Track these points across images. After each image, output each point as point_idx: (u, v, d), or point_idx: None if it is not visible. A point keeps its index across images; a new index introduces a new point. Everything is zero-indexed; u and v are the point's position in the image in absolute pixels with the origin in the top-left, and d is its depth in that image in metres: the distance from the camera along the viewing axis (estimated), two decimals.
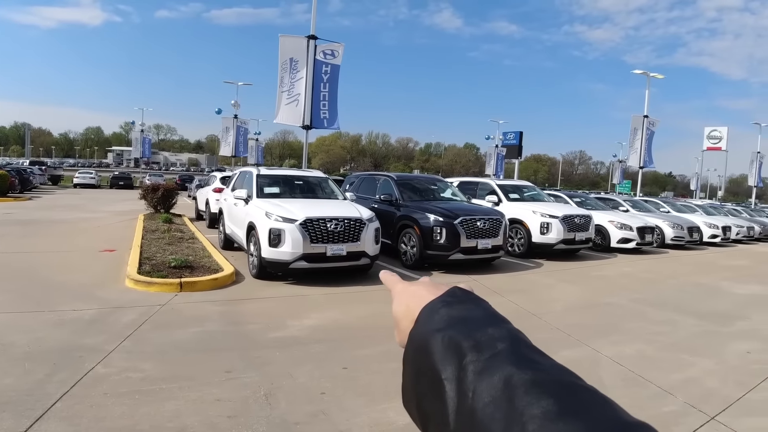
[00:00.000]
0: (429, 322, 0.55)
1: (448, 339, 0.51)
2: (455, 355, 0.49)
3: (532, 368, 0.45)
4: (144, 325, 5.75)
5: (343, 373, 4.72)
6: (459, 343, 0.50)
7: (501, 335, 0.50)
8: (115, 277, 8.03)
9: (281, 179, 10.56)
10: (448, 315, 0.54)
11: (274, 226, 8.22)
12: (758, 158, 40.51)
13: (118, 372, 4.42)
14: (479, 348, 0.49)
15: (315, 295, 7.83)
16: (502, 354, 0.47)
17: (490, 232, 10.52)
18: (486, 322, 0.53)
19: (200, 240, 11.88)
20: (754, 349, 6.28)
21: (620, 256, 14.56)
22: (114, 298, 6.89)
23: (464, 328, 0.52)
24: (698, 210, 22.83)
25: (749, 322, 7.76)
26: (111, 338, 5.25)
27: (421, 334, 0.55)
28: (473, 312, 0.55)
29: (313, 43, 15.26)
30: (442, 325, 0.53)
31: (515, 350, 0.48)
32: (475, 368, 0.47)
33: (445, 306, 0.56)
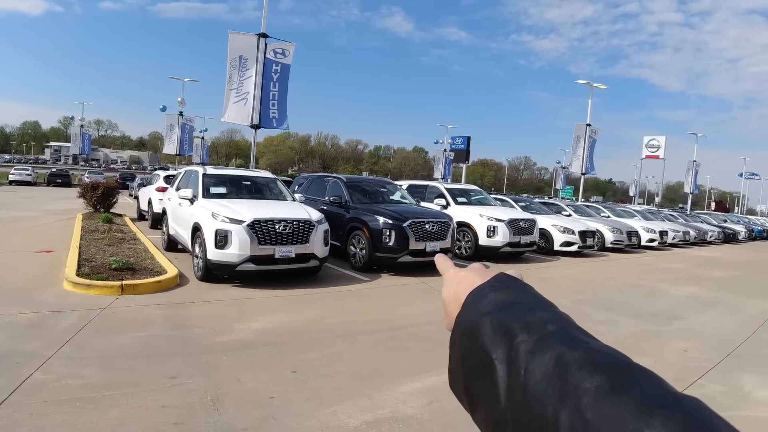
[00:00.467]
0: (477, 306, 0.56)
1: (498, 321, 0.52)
2: (505, 337, 0.50)
3: (583, 347, 0.46)
4: (84, 330, 5.53)
5: (292, 377, 4.66)
6: (509, 325, 0.51)
7: (550, 317, 0.52)
8: (52, 280, 7.69)
9: (228, 179, 10.34)
10: (496, 299, 0.56)
11: (220, 227, 8.05)
12: (694, 166, 42.67)
13: (58, 378, 4.24)
14: (529, 329, 0.50)
15: (262, 297, 7.71)
16: (552, 334, 0.49)
17: (439, 235, 10.64)
18: (534, 305, 0.54)
19: (142, 241, 11.52)
20: (691, 348, 6.58)
21: (563, 258, 15.00)
22: (52, 301, 6.59)
23: (513, 311, 0.53)
24: (637, 215, 23.82)
25: (686, 321, 8.12)
26: (49, 343, 5.02)
27: (469, 318, 0.56)
28: (520, 296, 0.56)
29: (263, 42, 15.06)
30: (490, 308, 0.55)
31: (565, 331, 0.50)
32: (526, 348, 0.48)
33: (493, 290, 0.58)
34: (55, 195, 29.94)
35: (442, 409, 4.19)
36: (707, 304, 9.68)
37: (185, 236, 9.45)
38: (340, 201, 11.41)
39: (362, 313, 7.28)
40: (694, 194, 45.22)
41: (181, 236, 9.96)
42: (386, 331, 6.41)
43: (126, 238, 11.70)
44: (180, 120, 34.08)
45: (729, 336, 7.39)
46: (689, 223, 27.19)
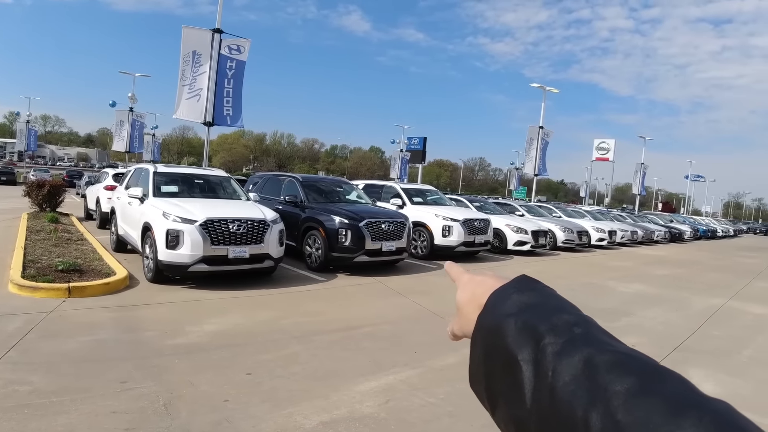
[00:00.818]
0: (500, 307, 0.57)
1: (522, 323, 0.53)
2: (531, 338, 0.51)
3: (610, 350, 0.47)
4: (30, 334, 5.33)
5: (246, 379, 4.62)
6: (534, 326, 0.52)
7: (575, 320, 0.53)
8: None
9: (180, 177, 10.10)
10: (520, 300, 0.57)
11: (171, 226, 7.88)
12: (642, 169, 44.24)
13: (4, 384, 4.08)
14: (556, 331, 0.51)
15: (215, 299, 7.59)
16: (579, 337, 0.50)
17: (395, 235, 10.70)
18: (558, 307, 0.55)
19: (90, 241, 11.17)
20: (639, 343, 6.82)
21: (516, 257, 15.31)
22: None
23: (538, 313, 0.54)
24: (587, 215, 24.51)
25: (634, 317, 8.42)
26: None
27: (493, 318, 0.57)
28: (544, 298, 0.57)
29: (218, 37, 14.78)
30: (514, 310, 0.55)
31: (591, 333, 0.51)
32: (554, 350, 0.49)
33: (516, 292, 0.58)
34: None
35: (399, 408, 4.23)
36: (654, 301, 10.05)
37: (135, 236, 9.21)
38: (295, 200, 11.33)
39: (318, 313, 7.26)
40: (642, 195, 46.80)
41: (130, 236, 9.69)
42: (342, 332, 6.40)
43: (73, 238, 11.32)
44: (130, 116, 33.12)
45: (675, 331, 7.69)
46: (637, 223, 28.17)
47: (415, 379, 4.96)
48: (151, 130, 49.41)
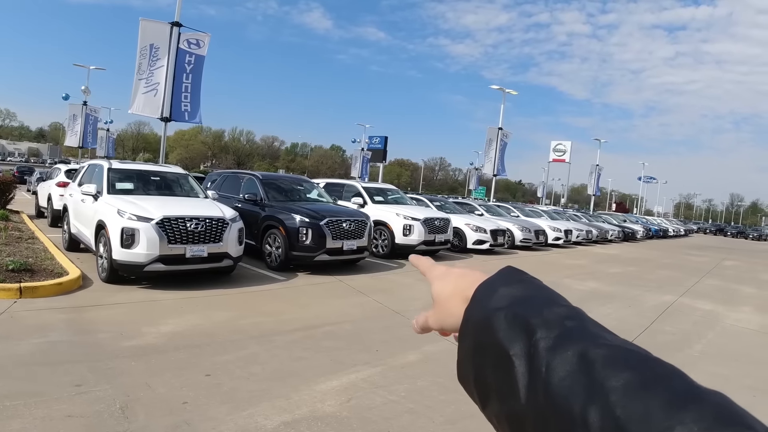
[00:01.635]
0: (488, 300, 0.56)
1: (513, 316, 0.52)
2: (523, 332, 0.50)
3: (605, 343, 0.47)
4: None
5: (205, 381, 4.56)
6: (526, 320, 0.51)
7: (567, 313, 0.52)
8: None
9: (136, 174, 9.87)
10: (509, 293, 0.55)
11: (127, 225, 7.70)
12: (597, 170, 45.41)
13: None
14: (548, 325, 0.50)
15: (172, 299, 7.46)
16: (572, 330, 0.49)
17: (356, 234, 10.71)
18: (548, 300, 0.54)
19: (41, 240, 10.82)
20: None
21: (475, 256, 15.53)
22: None
23: (528, 306, 0.53)
24: (544, 215, 25.04)
25: (589, 314, 8.60)
26: None
27: (482, 312, 0.55)
28: (533, 290, 0.56)
29: (177, 31, 14.53)
30: (504, 303, 0.54)
31: (584, 327, 0.50)
32: (546, 344, 0.48)
33: (504, 284, 0.57)
34: None
35: (360, 406, 4.26)
36: (608, 298, 10.35)
37: (88, 235, 8.96)
38: (255, 199, 11.21)
39: (277, 313, 7.21)
40: (597, 196, 48.09)
41: (83, 235, 9.43)
42: (302, 331, 6.39)
43: (24, 236, 10.94)
44: (84, 110, 32.18)
45: (628, 327, 7.94)
46: (592, 223, 28.96)
47: (377, 377, 5.00)
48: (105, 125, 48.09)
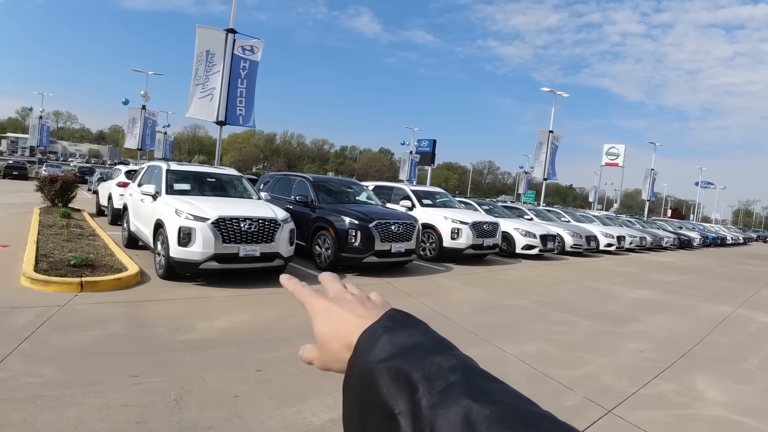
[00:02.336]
0: (371, 351, 0.52)
1: (396, 371, 0.49)
2: (406, 388, 0.47)
3: (489, 401, 0.44)
4: (42, 327, 5.40)
5: (256, 376, 4.66)
6: (408, 375, 0.48)
7: (451, 364, 0.49)
8: (8, 275, 7.47)
9: (192, 176, 10.20)
10: (391, 343, 0.52)
11: (184, 224, 7.95)
12: (651, 175, 44.07)
13: (16, 376, 4.14)
14: (430, 379, 0.47)
15: (225, 296, 7.66)
16: (455, 386, 0.46)
17: (404, 236, 10.73)
18: (432, 349, 0.51)
19: (102, 237, 11.28)
20: (646, 348, 6.83)
21: (524, 261, 15.30)
22: (8, 297, 6.41)
23: (410, 357, 0.50)
24: (596, 220, 24.41)
25: (640, 323, 8.40)
26: (6, 341, 4.89)
27: (364, 365, 0.52)
28: (417, 338, 0.53)
29: (231, 37, 14.90)
30: (386, 354, 0.51)
31: (468, 380, 0.47)
32: (429, 402, 0.45)
33: (387, 332, 0.54)
34: (11, 188, 28.95)
35: None
36: (661, 307, 10.02)
37: (147, 233, 9.30)
38: (306, 200, 11.38)
39: None
40: (651, 201, 46.67)
41: (142, 233, 9.79)
42: None
43: (85, 233, 11.44)
44: (142, 114, 33.37)
45: (682, 338, 7.68)
46: (646, 229, 28.08)
47: None
48: (162, 128, 49.74)
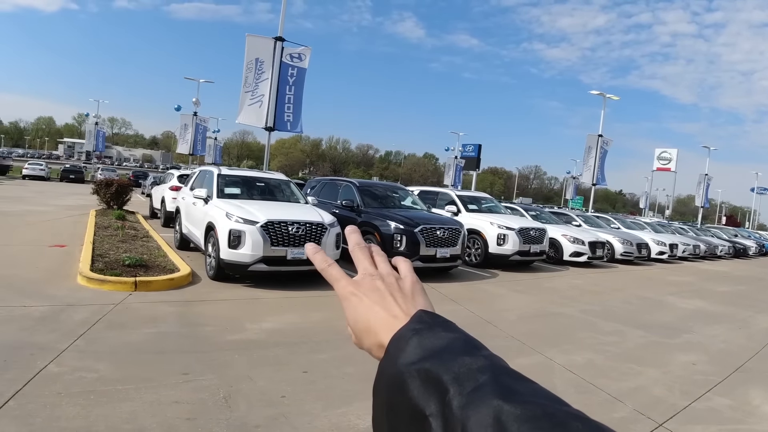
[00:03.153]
0: (401, 355, 0.53)
1: (425, 373, 0.50)
2: (436, 391, 0.48)
3: (519, 401, 0.44)
4: (97, 324, 5.60)
5: (302, 377, 4.71)
6: (438, 377, 0.49)
7: (480, 365, 0.49)
8: (65, 274, 7.78)
9: (242, 180, 10.42)
10: (420, 345, 0.53)
11: (234, 227, 8.13)
12: (705, 180, 42.47)
13: (72, 371, 4.30)
14: (460, 381, 0.47)
15: (272, 298, 7.77)
16: (485, 386, 0.46)
17: (449, 242, 10.67)
18: (461, 350, 0.52)
19: (155, 239, 11.63)
20: (699, 361, 6.58)
21: (572, 269, 14.98)
22: (65, 295, 6.68)
23: (440, 360, 0.50)
24: (647, 227, 23.69)
25: (693, 335, 8.10)
26: (63, 337, 5.10)
27: (394, 368, 0.53)
28: (446, 340, 0.53)
29: (280, 45, 15.18)
30: (416, 357, 0.52)
31: (498, 381, 0.47)
32: (459, 403, 0.46)
33: (416, 335, 0.54)
34: (68, 190, 30.20)
35: None
36: (715, 319, 9.65)
37: (198, 235, 9.54)
38: (352, 205, 11.47)
39: None
40: (705, 208, 45.02)
41: (194, 235, 10.05)
42: None
43: (139, 235, 11.81)
44: (194, 120, 34.32)
45: (737, 351, 7.37)
46: (699, 237, 27.12)
47: None
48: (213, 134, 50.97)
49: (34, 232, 12.12)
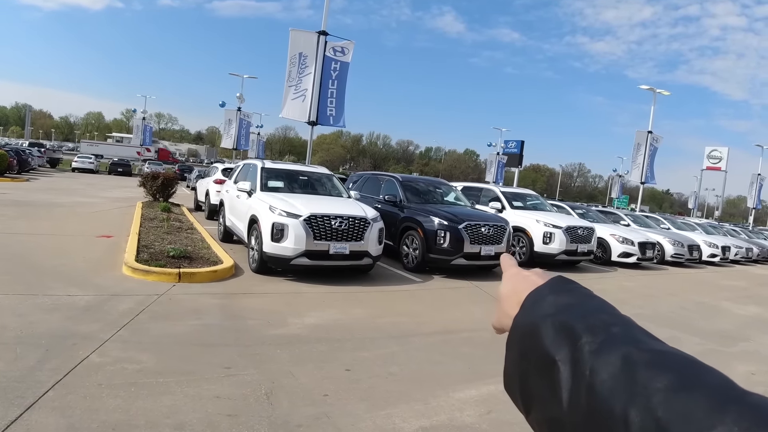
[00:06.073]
0: (537, 308, 0.56)
1: (560, 323, 0.52)
2: (568, 338, 0.50)
3: (649, 347, 0.46)
4: (141, 315, 5.59)
5: (345, 375, 4.57)
6: (572, 326, 0.51)
7: (613, 320, 0.51)
8: (111, 264, 7.86)
9: (286, 174, 10.39)
10: (556, 301, 0.55)
11: (277, 220, 8.06)
12: (758, 180, 40.67)
13: (113, 362, 4.26)
14: (593, 330, 0.49)
15: (314, 293, 7.67)
16: (617, 336, 0.48)
17: (494, 239, 10.38)
18: (596, 308, 0.54)
19: (199, 231, 11.71)
20: (759, 371, 6.21)
21: (620, 270, 14.47)
22: (110, 285, 6.72)
23: (575, 314, 0.52)
24: (698, 228, 22.75)
25: (751, 343, 7.66)
26: (106, 327, 5.09)
27: (530, 319, 0.56)
28: (581, 298, 0.55)
29: (323, 39, 15.12)
30: (552, 310, 0.54)
31: (629, 332, 0.49)
32: (591, 348, 0.48)
33: (552, 292, 0.57)
34: (116, 183, 30.94)
35: (501, 420, 4.00)
36: None
37: (242, 228, 9.53)
38: (394, 200, 11.29)
39: (415, 314, 7.14)
40: (757, 209, 43.13)
41: (237, 228, 10.05)
42: (439, 335, 6.25)
43: (183, 227, 11.92)
44: (238, 115, 34.79)
45: None
46: (752, 240, 25.98)
47: None
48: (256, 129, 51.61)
49: (83, 222, 12.38)
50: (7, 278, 6.57)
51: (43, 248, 8.69)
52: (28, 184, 23.39)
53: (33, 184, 23.34)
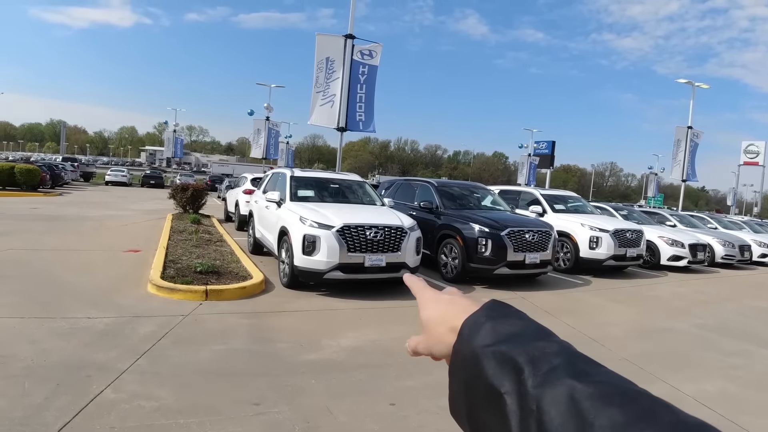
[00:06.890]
0: (475, 337, 0.54)
1: (501, 354, 0.51)
2: (511, 371, 0.49)
3: (592, 381, 0.46)
4: (163, 340, 5.12)
5: (390, 411, 3.99)
6: (513, 358, 0.50)
7: (554, 350, 0.50)
8: (136, 281, 7.46)
9: (316, 182, 9.88)
10: (494, 330, 0.54)
11: (308, 232, 7.56)
12: None
13: (129, 399, 3.78)
14: (535, 363, 0.48)
15: (350, 309, 7.14)
16: (559, 368, 0.47)
17: (539, 246, 9.70)
18: (534, 336, 0.53)
19: (228, 243, 11.32)
20: None
21: (670, 274, 13.60)
22: (132, 304, 6.30)
23: (515, 343, 0.51)
24: (745, 227, 21.58)
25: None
26: (125, 354, 4.63)
27: (469, 349, 0.54)
28: (519, 326, 0.54)
29: (350, 43, 14.64)
30: (490, 340, 0.53)
31: (571, 363, 0.48)
32: (534, 382, 0.47)
33: (490, 320, 0.55)
34: (148, 195, 31.03)
35: None
36: None
37: (272, 240, 9.07)
38: (430, 206, 10.70)
39: None
40: None
41: (267, 240, 9.59)
42: None
43: (213, 239, 11.56)
44: (266, 125, 34.62)
45: None
46: None
47: None
48: (285, 139, 51.54)
49: (112, 236, 12.11)
50: (24, 298, 6.22)
51: (67, 265, 8.35)
52: (60, 198, 23.49)
53: (65, 198, 23.43)
